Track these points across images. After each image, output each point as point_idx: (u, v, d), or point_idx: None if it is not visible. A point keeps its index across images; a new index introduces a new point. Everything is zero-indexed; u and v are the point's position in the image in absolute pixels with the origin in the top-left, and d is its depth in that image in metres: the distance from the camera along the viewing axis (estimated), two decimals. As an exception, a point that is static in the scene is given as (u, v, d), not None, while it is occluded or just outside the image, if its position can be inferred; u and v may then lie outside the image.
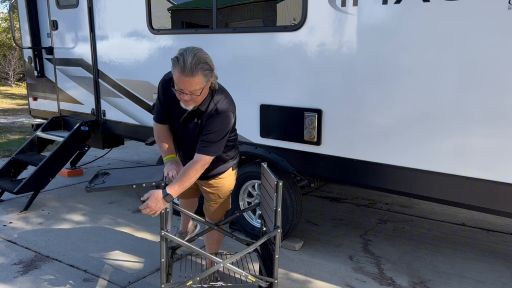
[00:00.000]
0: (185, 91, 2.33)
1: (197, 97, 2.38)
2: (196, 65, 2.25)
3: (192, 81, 2.28)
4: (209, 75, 2.34)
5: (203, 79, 2.30)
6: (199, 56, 2.28)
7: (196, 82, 2.29)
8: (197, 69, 2.26)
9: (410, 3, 2.77)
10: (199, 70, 2.26)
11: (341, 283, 3.13)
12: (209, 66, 2.32)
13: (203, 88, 2.36)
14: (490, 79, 2.59)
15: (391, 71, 2.91)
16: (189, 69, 2.24)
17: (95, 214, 4.44)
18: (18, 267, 3.31)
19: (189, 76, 2.26)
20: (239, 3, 3.62)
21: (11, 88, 18.86)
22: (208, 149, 2.46)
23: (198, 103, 2.45)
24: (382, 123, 3.00)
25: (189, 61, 2.24)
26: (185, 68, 2.25)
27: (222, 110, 2.47)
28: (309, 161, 3.39)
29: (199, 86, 2.32)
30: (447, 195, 2.86)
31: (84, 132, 4.91)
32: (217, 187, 2.81)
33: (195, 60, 2.25)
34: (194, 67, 2.25)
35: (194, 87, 2.31)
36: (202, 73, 2.29)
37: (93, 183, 2.54)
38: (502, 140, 2.62)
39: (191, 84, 2.30)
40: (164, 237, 2.46)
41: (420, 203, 4.81)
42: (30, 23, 5.37)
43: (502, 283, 3.15)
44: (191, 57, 2.25)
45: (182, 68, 2.26)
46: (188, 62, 2.24)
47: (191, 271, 3.20)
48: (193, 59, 2.25)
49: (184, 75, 2.26)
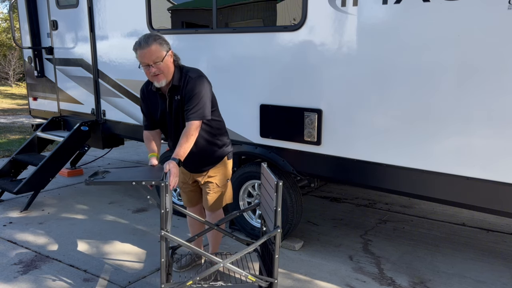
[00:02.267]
0: (149, 63, 2.61)
1: (162, 67, 2.63)
2: (148, 37, 2.61)
3: (150, 50, 2.58)
4: (165, 45, 2.64)
5: (159, 47, 2.60)
6: (151, 34, 2.66)
7: (154, 50, 2.59)
8: (150, 39, 2.59)
9: (410, 3, 2.77)
10: (152, 40, 2.59)
11: (341, 283, 3.14)
12: (162, 38, 2.66)
13: (163, 57, 2.62)
14: (490, 79, 2.59)
15: (391, 71, 2.91)
16: (144, 42, 2.59)
17: (95, 214, 4.44)
18: (18, 267, 3.31)
19: (145, 47, 2.58)
20: (239, 3, 3.62)
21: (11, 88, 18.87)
22: (194, 114, 2.67)
23: (167, 76, 2.69)
24: (382, 123, 3.00)
25: (143, 38, 2.62)
26: (140, 43, 2.60)
27: (193, 75, 2.73)
28: (309, 161, 3.39)
29: (159, 53, 2.60)
30: (447, 195, 2.86)
31: (84, 132, 4.91)
32: (214, 176, 2.97)
33: (147, 36, 2.63)
34: (148, 39, 2.60)
35: (154, 55, 2.59)
36: (156, 41, 2.60)
37: (93, 178, 2.54)
38: (502, 140, 2.62)
39: (150, 54, 2.59)
40: (164, 237, 2.46)
41: (420, 203, 4.81)
42: (30, 23, 5.37)
43: (502, 283, 3.15)
44: (144, 36, 2.64)
45: (139, 44, 2.60)
46: (142, 39, 2.62)
47: (191, 271, 3.20)
48: (145, 36, 2.63)
49: (141, 47, 2.59)
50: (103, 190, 5.18)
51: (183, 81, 2.71)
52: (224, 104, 3.79)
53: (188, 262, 3.29)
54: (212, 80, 3.82)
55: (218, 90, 3.80)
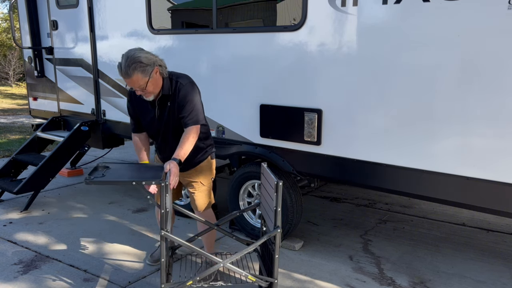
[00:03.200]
0: (134, 88, 2.65)
1: (148, 89, 2.64)
2: (128, 66, 2.54)
3: (132, 80, 2.58)
4: (148, 69, 2.59)
5: (141, 75, 2.57)
6: (132, 57, 2.56)
7: (136, 79, 2.58)
8: (130, 69, 2.54)
9: (410, 3, 2.77)
10: (132, 70, 2.54)
11: (341, 283, 3.14)
12: (144, 63, 2.57)
13: (147, 82, 2.61)
14: (490, 79, 2.59)
15: (391, 71, 2.91)
16: (125, 72, 2.56)
17: (95, 214, 4.44)
18: (18, 267, 3.31)
19: (126, 77, 2.57)
20: (239, 3, 3.62)
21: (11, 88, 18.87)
22: (192, 120, 2.74)
23: (155, 92, 2.70)
24: (382, 123, 3.01)
25: (123, 65, 2.56)
26: (121, 71, 2.57)
27: (184, 82, 2.76)
28: (309, 161, 3.39)
29: (142, 81, 2.59)
30: (447, 195, 2.86)
31: (84, 132, 4.91)
32: (198, 175, 3.03)
33: (127, 62, 2.55)
34: (128, 69, 2.54)
35: (138, 83, 2.60)
36: (138, 70, 2.55)
37: (92, 176, 2.53)
38: (502, 140, 2.62)
39: (133, 82, 2.59)
40: (164, 237, 2.46)
41: (420, 203, 4.81)
42: (30, 23, 5.37)
43: (502, 283, 3.15)
44: (124, 60, 2.56)
45: (121, 72, 2.58)
46: (123, 66, 2.56)
47: (191, 271, 3.20)
48: (126, 61, 2.55)
49: (124, 76, 2.59)
50: (103, 190, 5.19)
51: (174, 88, 2.75)
52: (224, 104, 3.80)
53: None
54: (212, 80, 3.84)
55: (218, 90, 3.81)
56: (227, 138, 3.84)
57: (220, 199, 4.60)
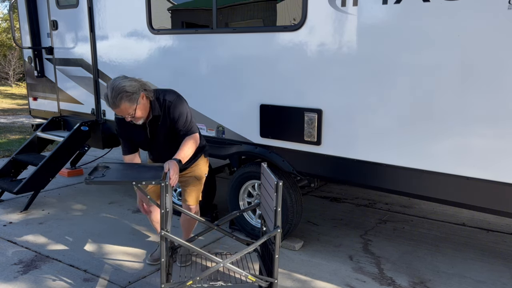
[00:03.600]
0: (123, 116, 2.72)
1: (136, 115, 2.71)
2: (115, 97, 2.60)
3: (120, 110, 2.65)
4: (134, 97, 2.65)
5: (127, 104, 2.63)
6: (117, 88, 2.60)
7: (124, 108, 2.65)
8: (117, 100, 2.60)
9: (410, 3, 2.77)
10: (119, 100, 2.60)
11: (341, 283, 3.14)
12: (129, 92, 2.62)
13: (135, 109, 2.68)
14: (490, 79, 2.59)
15: (391, 71, 2.91)
16: (112, 103, 2.62)
17: (95, 214, 4.44)
18: (18, 267, 3.31)
19: (114, 107, 2.64)
20: (239, 3, 3.62)
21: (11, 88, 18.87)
22: (189, 131, 2.86)
23: (144, 116, 2.79)
24: (382, 123, 3.00)
25: (110, 96, 2.61)
26: (109, 102, 2.63)
27: (171, 98, 2.84)
28: (309, 161, 3.39)
29: (130, 109, 2.66)
30: (447, 195, 2.86)
31: (84, 132, 4.90)
32: (193, 171, 3.16)
33: (113, 93, 2.60)
34: (115, 99, 2.60)
35: (126, 111, 2.67)
36: (124, 100, 2.61)
37: (92, 176, 2.53)
38: (502, 140, 2.62)
39: (122, 111, 2.67)
40: (164, 237, 2.46)
41: (420, 203, 4.81)
42: (30, 23, 5.37)
43: (502, 283, 3.15)
44: (110, 91, 2.61)
45: (108, 103, 2.65)
46: (109, 97, 2.61)
47: (191, 271, 3.20)
48: (112, 92, 2.60)
49: (112, 107, 2.65)
50: (103, 190, 5.19)
51: (163, 107, 2.82)
52: (224, 104, 3.80)
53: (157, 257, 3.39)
54: (212, 80, 3.84)
55: (218, 90, 3.81)
56: (227, 138, 3.84)
57: (220, 199, 4.60)
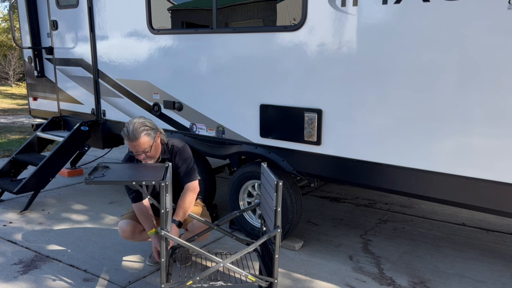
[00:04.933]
0: (139, 152, 2.86)
1: (151, 153, 2.89)
2: (136, 130, 2.80)
3: (139, 143, 2.82)
4: (153, 133, 2.88)
5: (147, 138, 2.84)
6: (138, 122, 2.84)
7: (143, 142, 2.82)
8: (138, 132, 2.80)
9: (410, 3, 2.77)
10: (140, 132, 2.81)
11: (341, 283, 3.14)
12: (149, 127, 2.87)
13: (152, 145, 2.87)
14: (490, 79, 2.59)
15: (391, 71, 2.91)
16: (133, 135, 2.80)
17: (95, 214, 4.44)
18: (18, 267, 3.31)
19: (134, 140, 2.80)
20: (239, 3, 3.62)
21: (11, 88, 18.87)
22: (191, 177, 3.02)
23: (156, 157, 2.96)
24: (382, 123, 3.01)
25: (131, 129, 2.81)
26: (129, 135, 2.80)
27: (179, 145, 3.08)
28: (309, 161, 3.39)
29: (147, 144, 2.85)
30: (447, 195, 2.86)
31: (84, 132, 4.91)
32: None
33: (135, 126, 2.81)
34: (135, 132, 2.80)
35: (143, 146, 2.83)
36: (145, 133, 2.83)
37: (92, 176, 2.53)
38: (502, 140, 2.62)
39: (140, 145, 2.82)
40: (164, 237, 2.46)
41: (420, 203, 4.81)
42: (30, 23, 5.37)
43: (502, 283, 3.15)
44: (132, 126, 2.82)
45: (128, 136, 2.81)
46: (130, 130, 2.80)
47: (191, 271, 3.20)
48: (133, 126, 2.81)
49: (131, 141, 2.81)
50: (103, 190, 5.19)
51: (170, 152, 3.05)
52: (224, 104, 3.80)
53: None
54: (212, 80, 3.84)
55: (218, 90, 3.82)
56: (227, 138, 3.84)
57: (220, 199, 4.61)
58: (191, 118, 4.06)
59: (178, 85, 4.09)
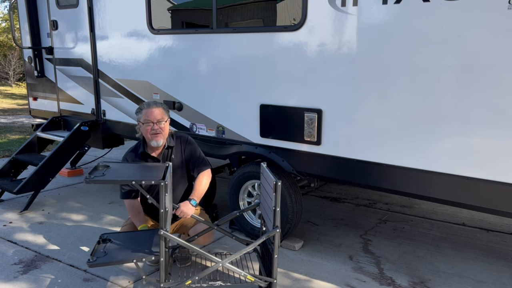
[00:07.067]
0: (153, 121, 3.04)
1: (163, 127, 3.08)
2: (156, 103, 3.14)
3: (157, 111, 3.08)
4: (167, 113, 3.17)
5: (164, 111, 3.13)
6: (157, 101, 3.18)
7: (160, 112, 3.09)
8: (158, 104, 3.13)
9: (410, 3, 2.77)
10: (160, 104, 3.14)
11: (341, 283, 3.14)
12: (165, 106, 3.19)
13: (166, 120, 3.11)
14: (490, 79, 2.59)
15: (391, 71, 2.91)
16: (154, 104, 3.11)
17: (95, 214, 4.44)
18: (18, 267, 3.31)
19: (154, 107, 3.08)
20: (239, 3, 3.62)
21: (11, 88, 18.88)
22: (206, 165, 3.22)
23: (165, 137, 3.13)
24: (382, 123, 3.00)
25: (152, 101, 3.15)
26: (150, 103, 3.11)
27: (186, 137, 3.29)
28: (309, 161, 3.39)
29: (163, 115, 3.10)
30: (447, 195, 2.86)
31: (84, 132, 4.91)
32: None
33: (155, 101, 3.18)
34: (156, 103, 3.13)
35: (159, 115, 3.07)
36: (162, 107, 3.15)
37: (92, 175, 2.53)
38: (502, 140, 2.62)
39: (158, 113, 3.07)
40: (163, 237, 2.46)
41: (420, 203, 4.81)
42: (30, 23, 5.37)
43: (502, 283, 3.15)
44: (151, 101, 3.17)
45: (149, 105, 3.09)
46: (151, 102, 3.14)
47: (191, 271, 3.20)
48: (153, 101, 3.17)
49: (151, 107, 3.07)
50: (103, 190, 5.19)
51: (178, 142, 3.23)
52: (224, 104, 3.80)
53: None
54: (212, 80, 3.84)
55: (218, 90, 3.82)
56: (227, 138, 3.84)
57: (220, 199, 4.60)
58: (191, 118, 4.06)
59: (178, 85, 4.09)
